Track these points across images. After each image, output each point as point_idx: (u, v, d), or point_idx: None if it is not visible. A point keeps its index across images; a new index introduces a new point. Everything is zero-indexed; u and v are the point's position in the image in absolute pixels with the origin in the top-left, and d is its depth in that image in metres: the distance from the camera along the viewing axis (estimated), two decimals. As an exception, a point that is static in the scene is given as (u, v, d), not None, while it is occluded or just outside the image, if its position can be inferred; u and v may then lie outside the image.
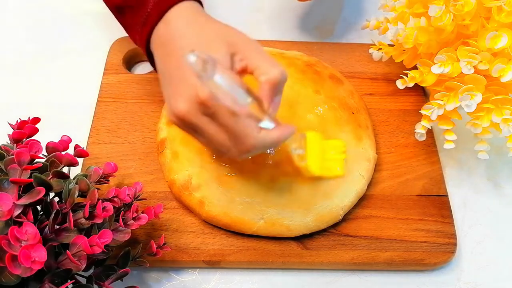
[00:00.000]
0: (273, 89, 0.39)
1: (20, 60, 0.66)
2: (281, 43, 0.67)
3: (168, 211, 0.52)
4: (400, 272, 0.52)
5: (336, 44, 0.68)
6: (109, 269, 0.43)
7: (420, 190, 0.55)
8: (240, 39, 0.41)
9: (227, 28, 0.43)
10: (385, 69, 0.66)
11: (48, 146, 0.45)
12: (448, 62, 0.51)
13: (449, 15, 0.49)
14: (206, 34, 0.41)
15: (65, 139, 0.46)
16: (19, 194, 0.39)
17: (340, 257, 0.50)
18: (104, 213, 0.41)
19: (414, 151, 0.58)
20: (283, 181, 0.51)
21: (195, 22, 0.42)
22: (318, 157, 0.45)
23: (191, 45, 0.40)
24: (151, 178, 0.54)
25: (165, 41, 0.42)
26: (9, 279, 0.36)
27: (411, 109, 0.62)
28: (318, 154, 0.45)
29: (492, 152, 0.56)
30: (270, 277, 0.51)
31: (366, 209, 0.54)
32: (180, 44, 0.41)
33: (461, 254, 0.53)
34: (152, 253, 0.46)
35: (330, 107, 0.57)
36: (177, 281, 0.50)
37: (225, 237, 0.51)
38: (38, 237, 0.36)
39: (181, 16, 0.42)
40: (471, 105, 0.49)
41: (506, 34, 0.47)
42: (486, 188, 0.58)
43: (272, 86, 0.39)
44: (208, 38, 0.41)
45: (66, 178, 0.43)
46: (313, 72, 0.60)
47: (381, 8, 0.61)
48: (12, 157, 0.40)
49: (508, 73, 0.48)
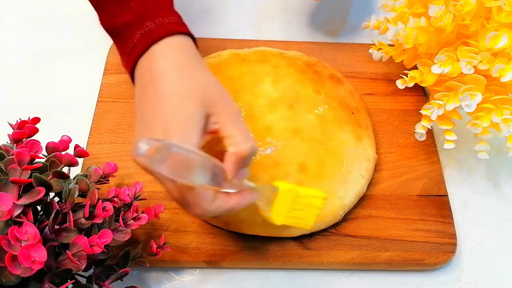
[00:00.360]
0: (239, 162, 0.38)
1: (20, 60, 0.66)
2: (281, 43, 0.67)
3: (168, 211, 0.52)
4: (400, 272, 0.52)
5: (336, 44, 0.68)
6: (109, 269, 0.43)
7: (420, 190, 0.55)
8: (219, 99, 0.40)
9: (209, 83, 0.41)
10: (385, 69, 0.66)
11: (48, 146, 0.45)
12: (448, 62, 0.51)
13: (449, 15, 0.49)
14: (185, 87, 0.39)
15: (65, 139, 0.46)
16: (19, 194, 0.39)
17: (340, 257, 0.50)
18: (104, 213, 0.41)
19: (414, 151, 0.58)
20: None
21: (178, 67, 0.40)
22: (286, 208, 0.45)
23: (169, 92, 0.39)
24: (151, 178, 0.53)
25: (145, 76, 0.41)
26: (9, 279, 0.36)
27: (411, 109, 0.62)
28: (287, 205, 0.45)
29: (492, 152, 0.56)
30: (270, 277, 0.51)
31: (366, 209, 0.54)
32: (158, 87, 0.39)
33: (461, 254, 0.53)
34: (152, 253, 0.46)
35: (330, 107, 0.57)
36: (177, 281, 0.50)
37: (225, 237, 0.51)
38: (38, 237, 0.36)
39: (165, 56, 0.40)
40: (471, 105, 0.49)
41: (506, 34, 0.47)
42: (486, 188, 0.58)
43: (238, 159, 0.38)
44: (185, 94, 0.39)
45: (66, 178, 0.43)
46: (313, 72, 0.60)
47: (381, 8, 0.61)
48: (12, 157, 0.40)
49: (508, 73, 0.48)
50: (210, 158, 0.37)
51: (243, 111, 0.55)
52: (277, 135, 0.53)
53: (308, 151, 0.53)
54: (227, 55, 0.62)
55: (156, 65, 0.40)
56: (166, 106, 0.38)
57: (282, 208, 0.44)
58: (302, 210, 0.45)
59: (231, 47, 0.64)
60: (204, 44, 0.66)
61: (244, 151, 0.38)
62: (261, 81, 0.58)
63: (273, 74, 0.59)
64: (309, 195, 0.45)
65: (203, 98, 0.39)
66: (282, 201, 0.44)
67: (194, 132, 0.38)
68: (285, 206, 0.44)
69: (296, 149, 0.53)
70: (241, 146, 0.38)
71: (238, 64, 0.60)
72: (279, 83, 0.58)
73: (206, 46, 0.66)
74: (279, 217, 0.45)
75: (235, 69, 0.59)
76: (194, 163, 0.36)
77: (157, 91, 0.39)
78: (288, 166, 0.52)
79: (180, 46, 0.42)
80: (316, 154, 0.53)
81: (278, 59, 0.61)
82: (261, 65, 0.60)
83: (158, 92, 0.39)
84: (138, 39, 0.41)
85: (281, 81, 0.58)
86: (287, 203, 0.44)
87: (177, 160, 0.35)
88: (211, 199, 0.39)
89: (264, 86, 0.57)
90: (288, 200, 0.44)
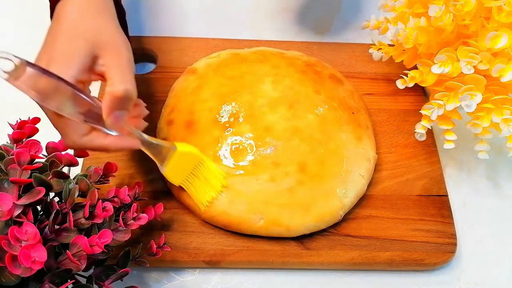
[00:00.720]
0: (113, 102, 0.40)
1: (20, 60, 0.66)
2: (281, 43, 0.67)
3: (168, 211, 0.52)
4: (400, 272, 0.52)
5: (336, 44, 0.68)
6: (109, 269, 0.43)
7: (420, 190, 0.55)
8: (110, 44, 0.42)
9: (105, 28, 0.43)
10: (385, 69, 0.66)
11: (48, 146, 0.45)
12: (448, 62, 0.51)
13: (449, 15, 0.49)
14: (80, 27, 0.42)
15: (65, 139, 0.46)
16: (19, 194, 0.39)
17: (340, 257, 0.50)
18: (104, 213, 0.41)
19: (414, 151, 0.58)
20: (283, 181, 0.51)
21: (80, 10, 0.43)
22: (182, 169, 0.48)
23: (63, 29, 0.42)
24: (151, 178, 0.54)
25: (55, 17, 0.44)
26: (9, 279, 0.36)
27: (411, 109, 0.62)
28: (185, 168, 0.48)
29: (492, 152, 0.56)
30: (270, 277, 0.51)
31: (366, 209, 0.54)
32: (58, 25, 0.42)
33: (461, 254, 0.53)
34: (152, 253, 0.46)
35: (330, 107, 0.57)
36: (177, 281, 0.50)
37: (225, 237, 0.51)
38: (38, 237, 0.36)
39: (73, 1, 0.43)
40: (471, 105, 0.49)
41: (506, 34, 0.47)
42: (486, 188, 0.58)
43: (112, 99, 0.40)
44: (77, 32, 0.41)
45: (66, 178, 0.43)
46: (313, 72, 0.60)
47: (381, 8, 0.61)
48: (12, 157, 0.40)
49: (508, 73, 0.48)
50: (84, 93, 0.39)
51: (243, 111, 0.55)
52: (277, 135, 0.53)
53: (308, 151, 0.53)
54: (227, 55, 0.62)
55: (63, 8, 0.43)
56: (58, 41, 0.41)
57: (179, 168, 0.47)
58: (200, 181, 0.48)
59: (231, 47, 0.64)
60: (204, 44, 0.67)
61: (118, 92, 0.40)
62: (261, 81, 0.58)
63: (273, 74, 0.59)
64: (212, 171, 0.49)
65: (94, 38, 0.41)
66: (180, 162, 0.47)
67: (74, 66, 0.40)
68: (182, 167, 0.47)
69: (296, 149, 0.53)
70: (116, 86, 0.40)
71: (238, 64, 0.60)
72: (279, 83, 0.58)
73: (206, 46, 0.66)
74: (173, 176, 0.48)
75: (235, 69, 0.59)
76: (60, 92, 0.38)
77: (56, 28, 0.42)
78: (288, 166, 0.52)
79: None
80: (316, 154, 0.53)
81: (278, 59, 0.61)
82: (261, 65, 0.60)
83: (56, 29, 0.42)
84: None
85: (281, 81, 0.58)
86: (186, 166, 0.47)
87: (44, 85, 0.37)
88: (83, 132, 0.41)
89: (264, 86, 0.57)
90: (187, 163, 0.47)
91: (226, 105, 0.56)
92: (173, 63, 0.64)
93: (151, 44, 0.66)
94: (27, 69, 0.36)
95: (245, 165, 0.52)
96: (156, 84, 0.62)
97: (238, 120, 0.54)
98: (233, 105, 0.56)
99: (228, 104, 0.56)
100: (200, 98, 0.57)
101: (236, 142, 0.53)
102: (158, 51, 0.65)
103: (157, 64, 0.64)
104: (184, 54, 0.65)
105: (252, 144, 0.53)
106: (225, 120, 0.54)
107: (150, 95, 0.61)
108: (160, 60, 0.65)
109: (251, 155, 0.52)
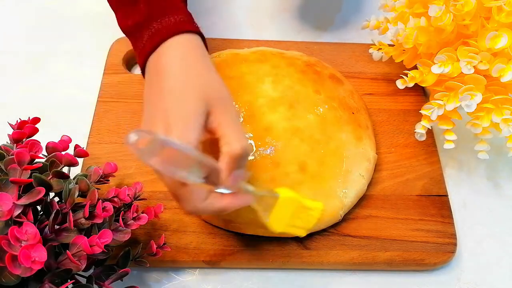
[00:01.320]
0: (232, 162, 0.39)
1: (20, 60, 0.66)
2: (281, 43, 0.67)
3: (168, 211, 0.52)
4: (400, 272, 0.52)
5: (336, 44, 0.68)
6: (109, 269, 0.43)
7: (420, 190, 0.55)
8: (220, 99, 0.41)
9: (212, 81, 0.42)
10: (385, 69, 0.66)
11: (48, 146, 0.45)
12: (448, 62, 0.51)
13: (449, 15, 0.49)
14: (188, 82, 0.40)
15: (65, 139, 0.46)
16: (19, 194, 0.39)
17: (340, 257, 0.50)
18: (104, 213, 0.41)
19: (414, 151, 0.58)
20: (283, 181, 0.51)
21: (182, 63, 0.41)
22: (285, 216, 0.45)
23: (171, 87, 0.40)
24: (151, 178, 0.54)
25: (152, 72, 0.42)
26: (9, 279, 0.36)
27: (411, 109, 0.62)
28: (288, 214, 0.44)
29: (492, 152, 0.56)
30: (270, 277, 0.51)
31: (366, 209, 0.54)
32: (162, 82, 0.41)
33: (461, 254, 0.53)
34: (152, 253, 0.46)
35: (330, 107, 0.57)
36: (177, 281, 0.50)
37: (225, 237, 0.51)
38: (38, 237, 0.36)
39: (170, 53, 0.42)
40: (471, 105, 0.49)
41: (506, 34, 0.47)
42: (486, 188, 0.58)
43: (231, 160, 0.39)
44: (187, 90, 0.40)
45: (66, 178, 0.43)
46: (313, 72, 0.60)
47: (381, 8, 0.61)
48: (12, 157, 0.40)
49: (508, 73, 0.48)
50: (206, 157, 0.37)
51: (243, 111, 0.55)
52: (277, 135, 0.53)
53: (308, 151, 0.53)
54: (227, 55, 0.62)
55: (162, 61, 0.41)
56: (168, 101, 0.39)
57: (282, 215, 0.44)
58: (301, 219, 0.45)
59: (231, 47, 0.64)
60: (204, 44, 0.67)
61: (236, 150, 0.39)
62: (261, 81, 0.58)
63: (273, 74, 0.59)
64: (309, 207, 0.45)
65: (205, 95, 0.40)
66: (282, 209, 0.44)
67: (193, 128, 0.38)
68: (284, 213, 0.44)
69: (296, 149, 0.53)
70: (233, 146, 0.39)
71: (238, 64, 0.60)
72: (279, 83, 0.58)
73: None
74: (277, 224, 0.44)
75: (235, 69, 0.59)
76: (187, 160, 0.36)
77: (160, 85, 0.40)
78: (288, 166, 0.52)
79: (186, 43, 0.43)
80: (316, 154, 0.53)
81: (278, 59, 0.61)
82: (261, 65, 0.60)
83: (161, 86, 0.40)
84: (146, 39, 0.43)
85: (281, 81, 0.58)
86: (288, 211, 0.44)
87: (170, 155, 0.35)
88: (204, 197, 0.39)
89: (264, 86, 0.57)
90: (288, 208, 0.44)
91: (226, 105, 0.56)
92: (173, 63, 0.64)
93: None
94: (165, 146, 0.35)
95: (245, 165, 0.52)
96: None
97: (238, 120, 0.54)
98: (233, 105, 0.56)
99: (228, 104, 0.56)
100: (200, 98, 0.57)
101: (236, 142, 0.53)
102: (158, 51, 0.65)
103: (157, 64, 0.64)
104: (184, 54, 0.65)
105: (252, 144, 0.53)
106: (225, 120, 0.54)
107: (150, 95, 0.61)
108: (160, 60, 0.65)
109: (251, 155, 0.52)
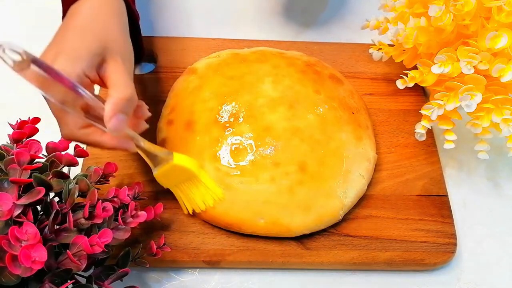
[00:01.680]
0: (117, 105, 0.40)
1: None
2: (281, 43, 0.67)
3: (168, 211, 0.52)
4: (400, 272, 0.52)
5: (336, 44, 0.68)
6: (109, 269, 0.43)
7: (420, 190, 0.55)
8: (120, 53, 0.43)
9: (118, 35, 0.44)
10: (385, 69, 0.66)
11: (48, 146, 0.45)
12: (448, 62, 0.51)
13: (449, 15, 0.49)
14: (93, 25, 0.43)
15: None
16: (19, 194, 0.39)
17: (340, 257, 0.50)
18: (104, 213, 0.41)
19: (414, 151, 0.58)
20: (283, 181, 0.51)
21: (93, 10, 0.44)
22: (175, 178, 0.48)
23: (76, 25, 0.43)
24: (151, 178, 0.54)
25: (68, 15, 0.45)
26: (9, 279, 0.36)
27: (411, 109, 0.62)
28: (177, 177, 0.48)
29: (492, 152, 0.56)
30: (270, 277, 0.51)
31: (366, 209, 0.54)
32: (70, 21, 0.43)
33: (461, 254, 0.53)
34: (152, 253, 0.46)
35: (330, 107, 0.57)
36: (177, 281, 0.50)
37: (225, 237, 0.51)
38: (38, 237, 0.36)
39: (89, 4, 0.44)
40: (471, 105, 0.49)
41: (506, 34, 0.47)
42: (486, 188, 0.58)
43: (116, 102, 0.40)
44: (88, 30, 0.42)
45: (66, 178, 0.43)
46: (313, 72, 0.60)
47: (381, 8, 0.61)
48: (12, 157, 0.40)
49: (508, 73, 0.48)
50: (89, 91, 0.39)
51: (243, 111, 0.55)
52: (277, 135, 0.53)
53: (308, 151, 0.53)
54: (227, 55, 0.62)
55: (77, 8, 0.44)
56: (69, 35, 0.42)
57: (172, 176, 0.48)
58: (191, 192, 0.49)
59: (231, 47, 0.64)
60: (204, 44, 0.67)
61: (122, 94, 0.41)
62: (261, 81, 0.58)
63: (273, 74, 0.59)
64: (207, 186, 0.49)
65: (104, 42, 0.42)
66: (173, 172, 0.47)
67: (84, 60, 0.40)
68: (173, 176, 0.48)
69: (296, 149, 0.53)
70: (121, 90, 0.41)
71: (238, 64, 0.60)
72: (279, 83, 0.58)
73: (206, 46, 0.66)
74: (165, 181, 0.48)
75: (235, 69, 0.59)
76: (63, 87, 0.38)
77: (68, 24, 0.43)
78: (288, 166, 0.52)
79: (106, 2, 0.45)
80: (316, 154, 0.53)
81: (278, 59, 0.61)
82: (261, 65, 0.60)
83: (67, 24, 0.43)
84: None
85: (281, 81, 0.58)
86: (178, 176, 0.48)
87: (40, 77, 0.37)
88: (81, 125, 0.41)
89: (264, 86, 0.57)
90: (180, 174, 0.47)
91: (226, 105, 0.56)
92: (173, 63, 0.64)
93: (152, 44, 0.66)
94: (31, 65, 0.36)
95: (245, 165, 0.52)
96: (156, 84, 0.62)
97: (238, 120, 0.54)
98: (233, 105, 0.56)
99: (228, 104, 0.56)
100: (200, 98, 0.57)
101: (236, 142, 0.53)
102: (158, 51, 0.65)
103: (158, 64, 0.64)
104: (184, 54, 0.65)
105: (252, 144, 0.53)
106: (225, 120, 0.54)
107: (150, 95, 0.61)
108: (160, 60, 0.65)
109: (251, 155, 0.52)
